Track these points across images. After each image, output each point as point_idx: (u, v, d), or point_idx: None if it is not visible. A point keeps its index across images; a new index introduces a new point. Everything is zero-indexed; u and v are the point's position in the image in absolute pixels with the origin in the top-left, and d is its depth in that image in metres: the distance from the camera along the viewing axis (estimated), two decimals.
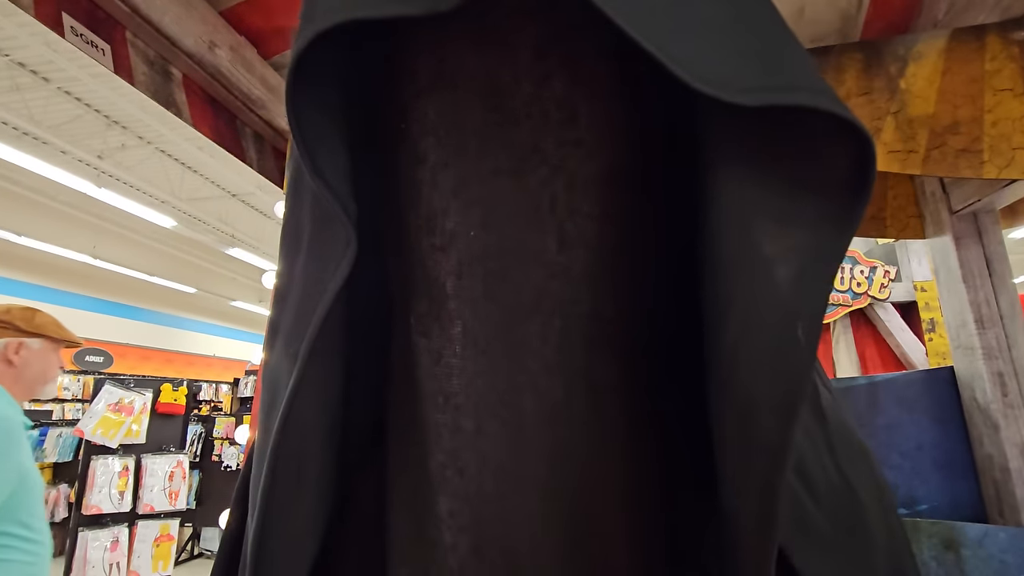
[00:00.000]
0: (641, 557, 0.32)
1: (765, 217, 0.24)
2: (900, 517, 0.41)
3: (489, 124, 0.28)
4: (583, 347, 0.30)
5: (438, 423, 0.29)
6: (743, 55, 0.23)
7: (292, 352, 0.27)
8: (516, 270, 0.28)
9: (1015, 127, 0.86)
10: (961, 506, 1.05)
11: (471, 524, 0.29)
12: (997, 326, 1.02)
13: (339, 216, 0.26)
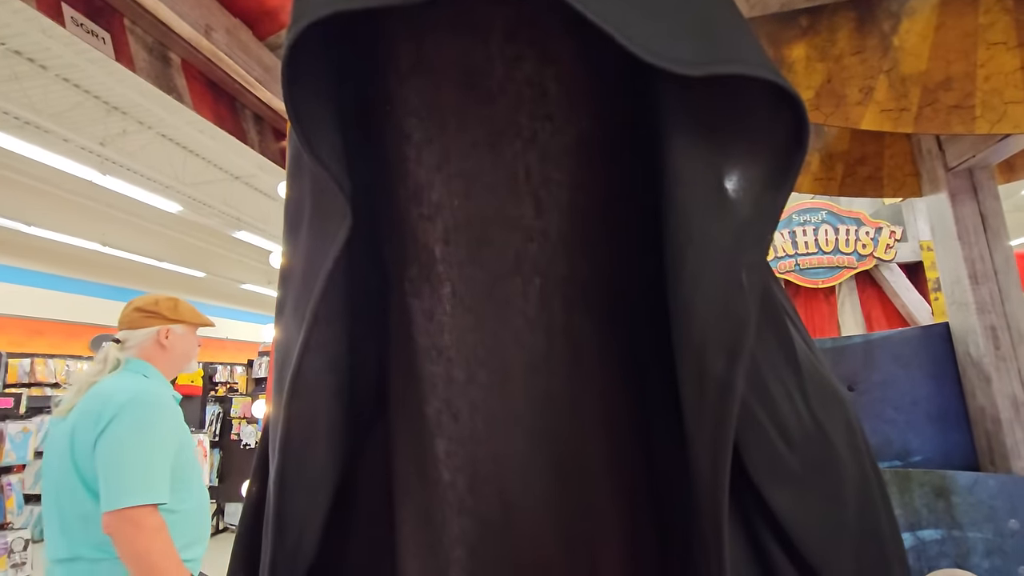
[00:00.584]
0: (621, 492, 0.35)
1: (712, 178, 0.26)
2: (873, 458, 0.44)
3: (466, 102, 0.30)
4: (561, 304, 0.33)
5: (433, 374, 0.33)
6: (691, 32, 0.25)
7: (299, 315, 0.30)
8: (497, 235, 0.31)
9: (1007, 81, 0.86)
10: (953, 457, 1.09)
11: (466, 463, 0.33)
12: (991, 281, 1.03)
13: (335, 191, 0.28)
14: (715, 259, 0.26)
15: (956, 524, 0.95)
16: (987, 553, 0.93)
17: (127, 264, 11.09)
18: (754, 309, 0.26)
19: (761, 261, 0.26)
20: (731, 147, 0.26)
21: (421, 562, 0.35)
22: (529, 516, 0.34)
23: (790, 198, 0.88)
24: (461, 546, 0.34)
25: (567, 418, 0.33)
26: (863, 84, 0.91)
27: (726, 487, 0.28)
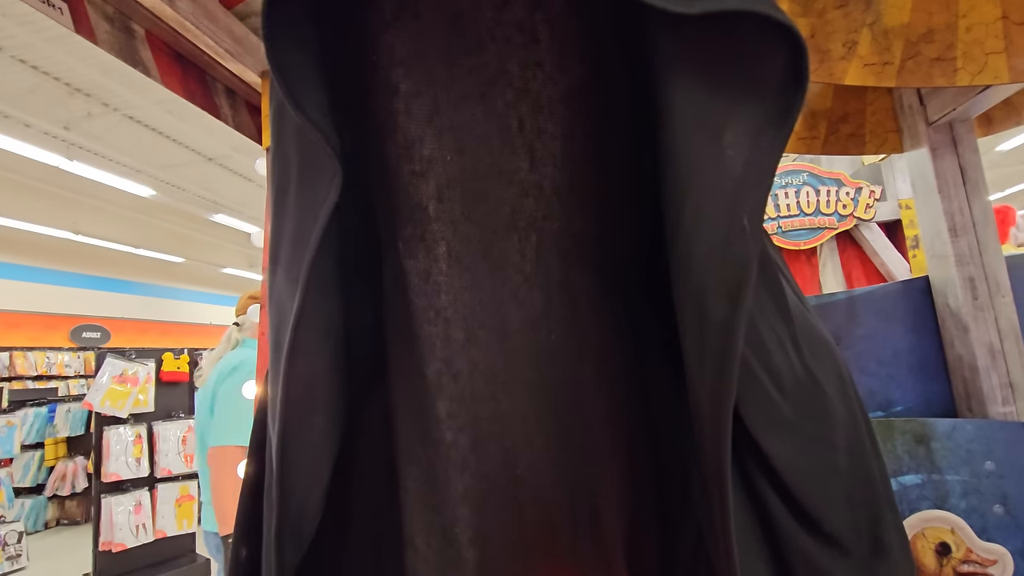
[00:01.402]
0: (620, 444, 0.35)
1: (712, 121, 0.26)
2: (862, 403, 0.45)
3: (455, 51, 0.29)
4: (558, 259, 0.32)
5: (431, 335, 0.32)
6: None
7: (292, 279, 0.29)
8: (491, 190, 0.31)
9: (988, 31, 0.86)
10: (933, 405, 1.12)
11: (468, 423, 0.33)
12: (970, 233, 1.05)
13: (323, 148, 0.27)
14: (717, 203, 0.26)
15: (935, 468, 0.99)
16: (964, 494, 0.97)
17: (103, 252, 10.82)
18: (756, 252, 0.26)
19: (762, 204, 0.26)
20: (730, 90, 0.26)
21: (427, 522, 0.35)
22: (531, 471, 0.34)
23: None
24: (466, 504, 0.34)
25: (567, 373, 0.34)
26: (846, 38, 0.90)
27: (728, 435, 0.29)
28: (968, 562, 0.80)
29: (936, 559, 0.82)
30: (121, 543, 4.01)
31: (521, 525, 0.35)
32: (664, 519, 0.40)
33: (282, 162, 0.31)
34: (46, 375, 9.24)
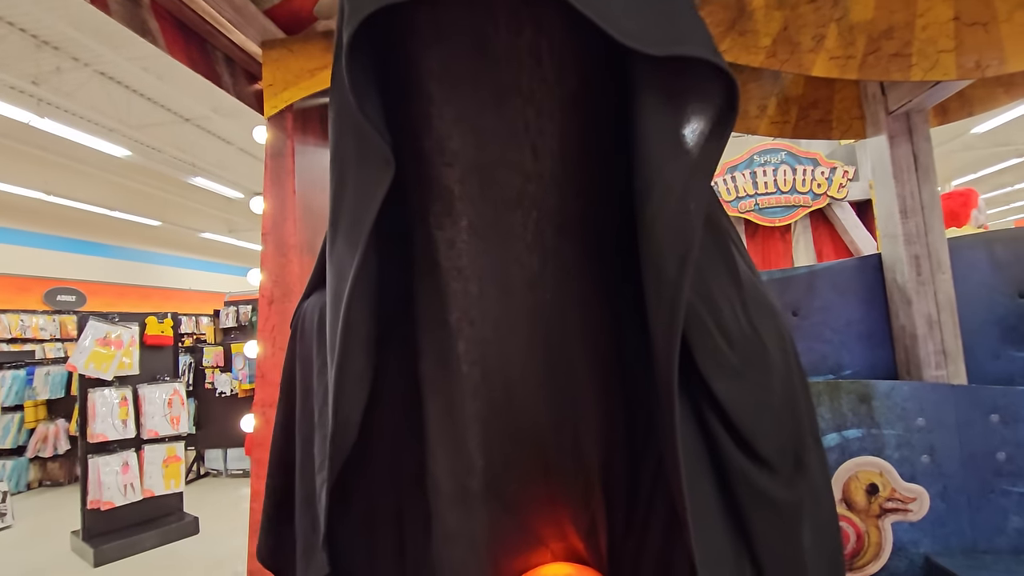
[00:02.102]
0: (597, 378, 0.45)
1: (670, 133, 0.34)
2: (797, 357, 0.55)
3: (477, 68, 0.36)
4: (553, 232, 0.41)
5: (455, 290, 0.41)
6: (654, 21, 0.32)
7: (352, 243, 0.37)
8: (503, 177, 0.39)
9: (941, 31, 0.94)
10: (878, 369, 1.25)
11: (479, 359, 0.41)
12: (918, 215, 1.16)
13: (379, 144, 0.34)
14: (672, 194, 0.34)
15: (875, 424, 1.11)
16: (898, 446, 1.10)
17: (77, 214, 10.54)
18: (699, 228, 0.35)
19: (704, 195, 0.35)
20: (684, 109, 0.34)
21: (445, 436, 0.44)
22: (526, 398, 0.43)
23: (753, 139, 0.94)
24: (476, 422, 0.43)
25: (556, 323, 0.42)
26: (815, 32, 0.98)
27: (676, 364, 0.37)
28: (892, 499, 0.93)
29: (866, 497, 0.94)
30: (109, 501, 4.09)
31: (517, 441, 0.44)
32: (632, 445, 0.50)
33: (341, 153, 0.38)
34: (21, 338, 9.11)
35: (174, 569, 4.00)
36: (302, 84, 1.15)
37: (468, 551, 0.45)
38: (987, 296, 1.22)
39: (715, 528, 0.48)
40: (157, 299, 12.47)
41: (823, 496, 0.52)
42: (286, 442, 0.60)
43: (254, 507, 1.33)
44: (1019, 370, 1.21)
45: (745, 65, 1.01)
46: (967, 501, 1.09)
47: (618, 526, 0.50)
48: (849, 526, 0.95)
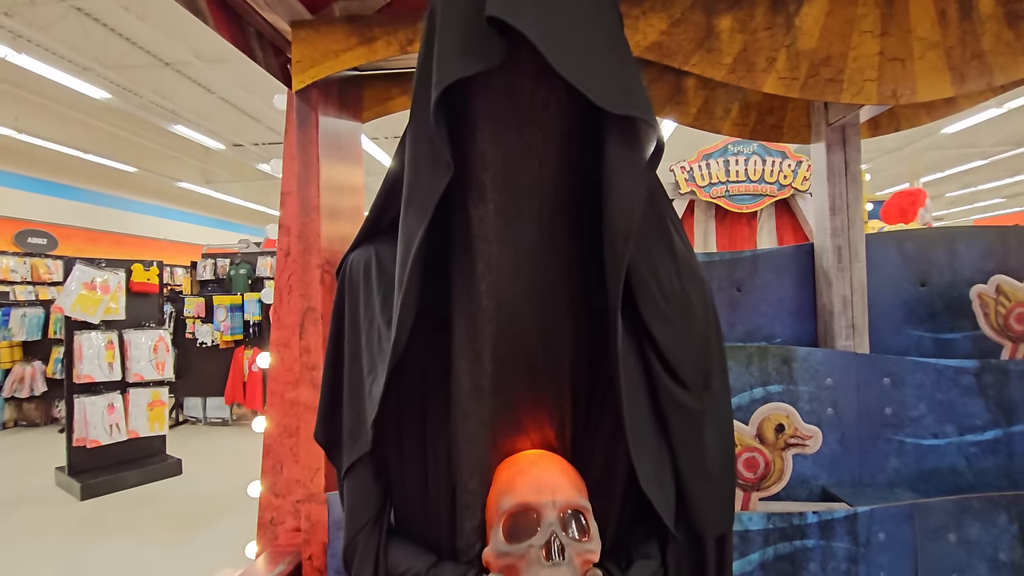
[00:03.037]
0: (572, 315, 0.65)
1: (624, 159, 0.54)
2: (715, 312, 0.76)
3: (508, 110, 0.55)
4: (549, 215, 0.60)
5: (481, 249, 0.60)
6: (617, 91, 0.51)
7: (420, 216, 0.55)
8: (520, 177, 0.58)
9: (868, 63, 1.15)
10: (802, 339, 1.50)
11: (495, 296, 0.62)
12: (843, 213, 1.39)
13: (445, 154, 0.53)
14: (625, 201, 0.54)
15: (793, 381, 1.36)
16: (809, 400, 1.36)
17: (50, 155, 10.21)
18: (638, 220, 0.55)
19: (642, 198, 0.55)
20: (632, 146, 0.54)
21: (468, 348, 0.64)
22: (524, 325, 0.64)
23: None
24: (490, 340, 0.63)
25: (547, 274, 0.63)
26: (768, 55, 1.17)
27: (619, 306, 0.58)
28: (794, 437, 1.18)
29: (775, 434, 1.19)
30: (95, 440, 4.23)
31: (516, 355, 0.65)
32: (593, 364, 0.71)
33: (416, 155, 0.57)
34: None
35: (159, 505, 4.20)
36: (327, 63, 1.30)
37: (478, 427, 0.66)
38: (895, 283, 1.47)
39: (645, 425, 0.70)
40: (131, 247, 12.25)
41: (722, 408, 0.75)
42: (335, 358, 0.80)
43: (267, 443, 1.52)
44: (914, 345, 1.47)
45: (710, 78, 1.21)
46: (858, 446, 1.36)
47: (579, 422, 0.72)
48: (760, 455, 1.20)
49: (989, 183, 17.32)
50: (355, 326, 0.76)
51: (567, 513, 0.63)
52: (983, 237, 1.44)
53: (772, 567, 1.15)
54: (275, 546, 1.43)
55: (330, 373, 0.80)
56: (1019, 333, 1.35)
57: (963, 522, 1.14)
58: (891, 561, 1.14)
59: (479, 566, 0.67)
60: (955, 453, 1.33)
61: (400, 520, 0.76)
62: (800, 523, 1.14)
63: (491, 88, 0.55)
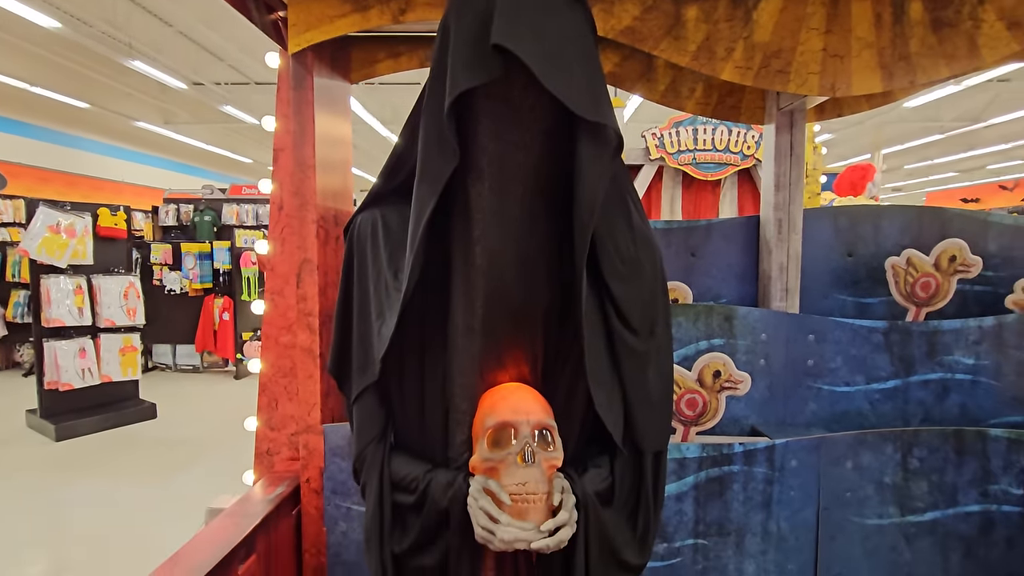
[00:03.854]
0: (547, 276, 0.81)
1: (592, 153, 0.68)
2: (664, 273, 0.93)
3: (504, 111, 0.68)
4: (531, 195, 0.75)
5: (476, 218, 0.74)
6: (589, 100, 0.64)
7: (433, 191, 0.69)
8: (510, 164, 0.72)
9: (813, 57, 1.30)
10: (745, 300, 1.70)
11: (487, 255, 0.76)
12: (786, 190, 1.57)
13: (453, 142, 0.66)
14: (591, 187, 0.69)
15: (733, 335, 1.57)
16: (745, 352, 1.57)
17: None
18: (600, 201, 0.70)
19: (607, 178, 0.70)
20: (598, 143, 0.68)
21: (464, 297, 0.79)
22: (509, 279, 0.79)
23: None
24: (482, 292, 0.78)
25: (529, 239, 0.77)
26: (728, 45, 1.31)
27: (584, 266, 0.74)
28: (728, 381, 1.39)
29: (712, 379, 1.40)
30: (68, 383, 4.27)
31: (502, 302, 0.80)
32: (562, 312, 0.87)
33: (429, 141, 0.70)
34: None
35: (136, 447, 4.31)
36: (323, 28, 1.37)
37: (470, 361, 0.82)
38: (826, 253, 1.67)
39: (601, 364, 0.87)
40: (85, 188, 11.72)
41: (663, 351, 0.92)
42: (346, 305, 0.94)
43: (262, 382, 1.66)
44: (838, 307, 1.70)
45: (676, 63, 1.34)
46: (783, 391, 1.59)
47: (549, 360, 0.88)
48: (699, 396, 1.41)
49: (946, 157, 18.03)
50: (363, 278, 0.90)
51: (537, 430, 0.80)
52: (903, 215, 1.65)
53: (704, 488, 1.38)
54: (272, 473, 1.60)
55: (341, 317, 0.94)
56: (923, 299, 1.58)
57: (858, 452, 1.39)
58: (800, 483, 1.38)
59: (466, 470, 0.84)
60: (862, 399, 1.58)
61: (399, 438, 0.93)
62: (728, 452, 1.36)
63: (490, 94, 0.68)
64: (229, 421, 4.92)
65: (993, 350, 1.54)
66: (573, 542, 0.82)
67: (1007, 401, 1.57)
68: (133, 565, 2.75)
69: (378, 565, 0.88)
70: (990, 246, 1.64)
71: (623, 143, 0.70)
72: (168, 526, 3.11)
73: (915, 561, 1.40)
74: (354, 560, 1.45)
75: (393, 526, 0.88)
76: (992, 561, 1.40)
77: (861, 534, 1.39)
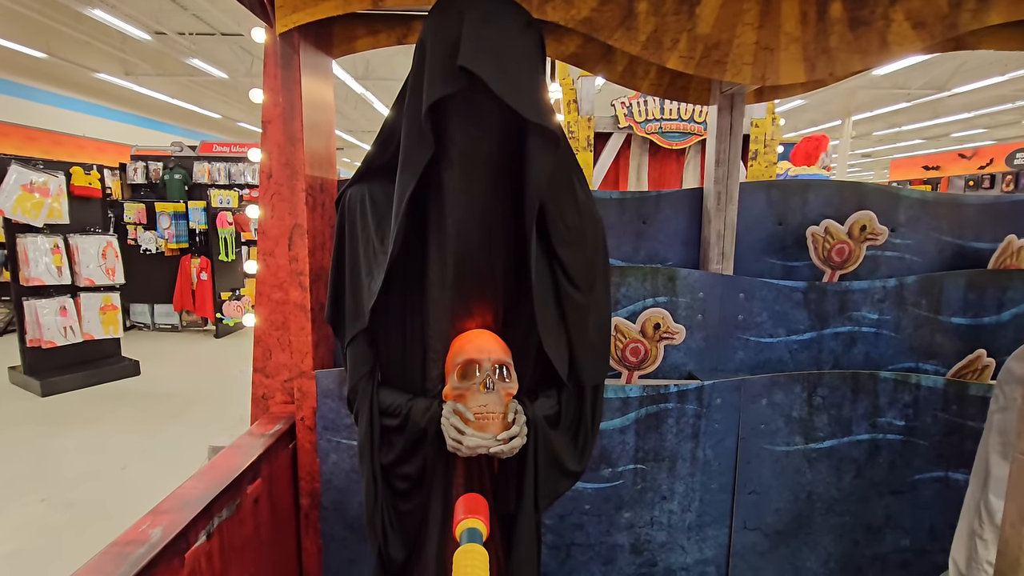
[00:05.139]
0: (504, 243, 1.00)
1: (538, 146, 0.86)
2: (605, 243, 1.13)
3: (470, 110, 0.85)
4: (491, 177, 0.93)
5: (448, 199, 0.92)
6: (536, 107, 0.82)
7: (412, 175, 0.86)
8: (474, 153, 0.89)
9: (747, 50, 1.48)
10: (688, 263, 1.93)
11: (457, 226, 0.94)
12: (725, 166, 1.77)
13: (428, 136, 0.83)
14: (538, 176, 0.87)
15: (675, 294, 1.79)
16: (685, 308, 1.80)
17: None
18: (545, 184, 0.89)
19: (549, 173, 0.89)
20: (541, 139, 0.86)
21: (438, 260, 0.98)
22: (474, 246, 0.97)
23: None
24: (452, 254, 0.97)
25: (490, 213, 0.95)
26: (673, 37, 1.47)
27: (533, 236, 0.93)
28: (666, 332, 1.63)
29: (653, 330, 1.63)
30: (51, 341, 4.34)
31: (468, 264, 0.98)
32: (518, 273, 1.07)
33: (410, 135, 0.87)
34: None
35: (122, 402, 4.45)
36: (308, 10, 1.48)
37: (443, 310, 1.02)
38: (760, 222, 1.89)
39: (550, 314, 1.07)
40: (45, 143, 11.28)
41: (602, 304, 1.13)
42: (339, 265, 1.12)
43: (257, 335, 1.83)
44: (768, 269, 1.93)
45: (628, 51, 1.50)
46: (717, 342, 1.84)
47: (508, 311, 1.09)
48: (641, 345, 1.64)
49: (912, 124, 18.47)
50: (354, 243, 1.08)
51: (496, 365, 1.01)
52: (826, 189, 1.87)
53: (643, 422, 1.63)
54: (268, 414, 1.79)
55: (335, 275, 1.12)
56: (837, 263, 1.82)
57: (772, 392, 1.65)
58: (723, 417, 1.64)
59: (440, 398, 1.05)
60: (783, 348, 1.84)
61: (385, 374, 1.13)
62: (664, 392, 1.61)
63: (458, 100, 0.85)
64: (212, 377, 5.07)
65: (894, 307, 1.81)
66: (524, 452, 1.04)
67: (904, 350, 1.85)
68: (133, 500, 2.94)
69: (370, 474, 1.10)
70: (899, 217, 1.89)
71: (564, 139, 0.89)
72: (162, 468, 3.30)
73: (815, 481, 1.69)
74: (343, 485, 1.67)
75: (381, 444, 1.09)
76: (878, 480, 1.70)
77: (772, 459, 1.67)
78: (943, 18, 1.50)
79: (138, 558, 1.01)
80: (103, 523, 2.75)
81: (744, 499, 1.68)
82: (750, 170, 3.79)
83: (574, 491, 1.64)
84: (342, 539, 1.71)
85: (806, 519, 1.71)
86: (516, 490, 1.07)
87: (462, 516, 0.86)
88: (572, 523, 1.68)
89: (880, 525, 1.73)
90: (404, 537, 1.11)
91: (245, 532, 1.40)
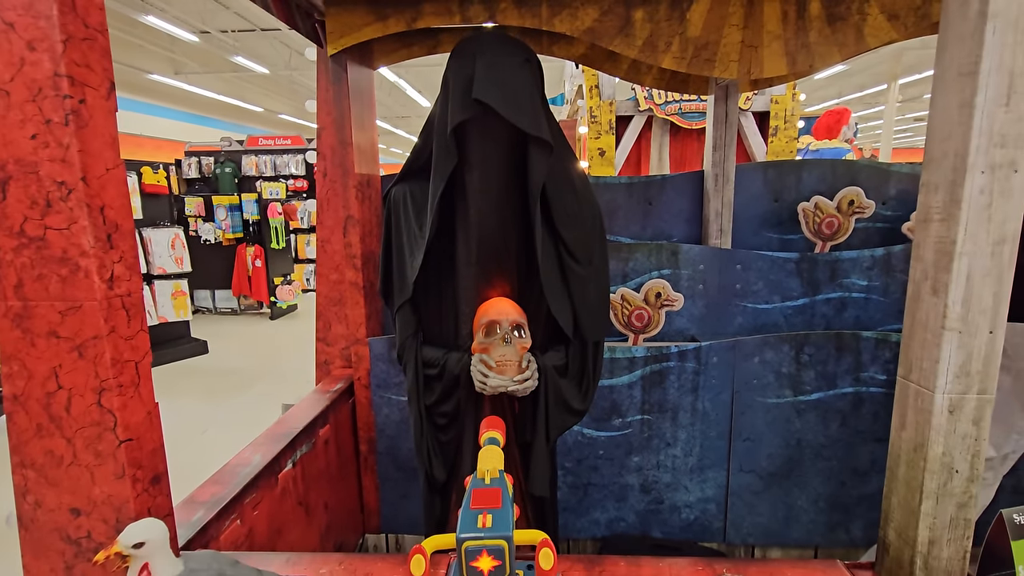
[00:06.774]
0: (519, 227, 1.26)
1: (536, 153, 1.11)
2: (602, 222, 1.38)
3: (484, 130, 1.11)
4: (503, 178, 1.18)
5: (470, 193, 1.19)
6: (536, 123, 1.07)
7: (442, 177, 1.13)
8: (489, 160, 1.15)
9: (733, 48, 1.67)
10: (690, 239, 2.14)
11: (478, 215, 1.21)
12: (722, 150, 1.96)
13: (453, 148, 1.10)
14: (535, 172, 1.13)
15: (678, 267, 2.02)
16: (687, 279, 2.03)
17: None
18: (541, 181, 1.14)
19: (545, 171, 1.14)
20: (539, 148, 1.11)
21: (464, 242, 1.25)
22: (493, 231, 1.23)
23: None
24: (475, 238, 1.23)
25: (503, 206, 1.21)
26: (667, 39, 1.68)
27: (537, 218, 1.19)
28: (667, 300, 1.86)
29: (655, 298, 1.87)
30: None
31: (489, 246, 1.25)
32: (528, 252, 1.33)
33: (440, 148, 1.14)
34: None
35: (196, 376, 4.98)
36: (353, 35, 1.76)
37: (470, 282, 1.30)
38: (756, 200, 2.09)
39: (556, 284, 1.33)
40: None
41: (601, 274, 1.38)
42: (388, 249, 1.41)
43: (318, 310, 2.16)
44: (766, 242, 2.13)
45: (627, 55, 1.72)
46: (717, 309, 2.06)
47: (522, 283, 1.35)
48: (645, 312, 1.88)
49: None
50: (399, 231, 1.37)
51: (513, 325, 1.28)
52: (819, 167, 2.04)
53: (648, 378, 1.88)
54: (330, 376, 2.13)
55: (385, 257, 1.41)
56: (827, 235, 2.00)
57: (764, 351, 1.86)
58: (719, 374, 1.87)
59: (469, 351, 1.34)
60: (777, 314, 2.04)
61: (426, 334, 1.42)
62: (666, 352, 1.85)
63: (475, 121, 1.12)
64: (270, 355, 5.57)
65: (882, 274, 1.98)
66: (537, 393, 1.32)
67: (893, 313, 2.02)
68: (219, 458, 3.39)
69: (417, 413, 1.40)
70: (890, 191, 2.04)
71: (562, 144, 1.15)
72: (238, 432, 3.76)
73: (803, 429, 1.91)
74: (394, 433, 2.00)
75: (425, 389, 1.39)
76: (861, 429, 1.91)
77: (764, 409, 1.89)
78: (915, 9, 1.65)
79: (248, 473, 1.35)
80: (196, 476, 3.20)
81: (739, 445, 1.91)
82: (770, 146, 3.88)
83: (590, 438, 1.92)
84: (395, 479, 2.04)
85: (796, 463, 1.93)
86: (531, 423, 1.35)
87: (484, 430, 1.14)
88: (588, 466, 1.96)
89: (866, 469, 1.94)
90: (445, 461, 1.41)
91: (319, 465, 1.74)
